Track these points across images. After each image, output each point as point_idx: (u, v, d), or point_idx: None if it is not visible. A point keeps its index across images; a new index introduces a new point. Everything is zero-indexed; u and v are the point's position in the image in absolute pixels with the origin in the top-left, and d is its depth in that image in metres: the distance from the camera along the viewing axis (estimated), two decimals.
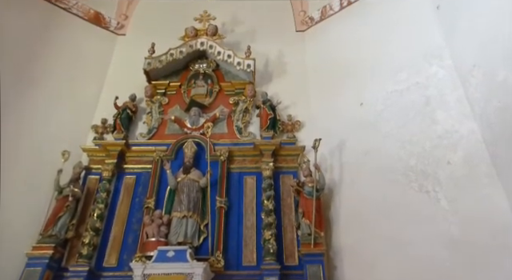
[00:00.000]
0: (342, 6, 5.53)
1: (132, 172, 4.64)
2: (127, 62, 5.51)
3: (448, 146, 3.52)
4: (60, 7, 5.41)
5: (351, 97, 4.67)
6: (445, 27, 4.08)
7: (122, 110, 4.89)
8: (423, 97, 3.96)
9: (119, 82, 5.39)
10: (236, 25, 5.93)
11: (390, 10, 4.82)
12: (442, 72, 3.92)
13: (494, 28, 3.16)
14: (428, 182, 3.53)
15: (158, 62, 5.04)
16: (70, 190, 4.08)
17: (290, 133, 4.83)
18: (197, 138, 4.70)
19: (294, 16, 6.08)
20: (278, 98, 4.98)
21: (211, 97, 5.20)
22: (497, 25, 3.12)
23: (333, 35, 5.45)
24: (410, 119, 3.97)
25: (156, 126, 4.96)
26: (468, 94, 3.55)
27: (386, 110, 4.25)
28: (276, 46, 5.63)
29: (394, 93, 4.26)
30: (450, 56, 3.91)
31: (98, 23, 5.79)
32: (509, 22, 2.93)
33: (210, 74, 5.35)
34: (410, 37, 4.43)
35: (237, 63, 4.98)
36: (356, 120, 4.46)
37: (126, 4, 6.16)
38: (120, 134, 4.72)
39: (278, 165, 4.53)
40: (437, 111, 3.78)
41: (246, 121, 4.98)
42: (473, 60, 3.46)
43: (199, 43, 5.22)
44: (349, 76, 4.85)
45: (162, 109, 5.12)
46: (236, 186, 4.47)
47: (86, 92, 5.25)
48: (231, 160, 4.60)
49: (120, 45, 5.90)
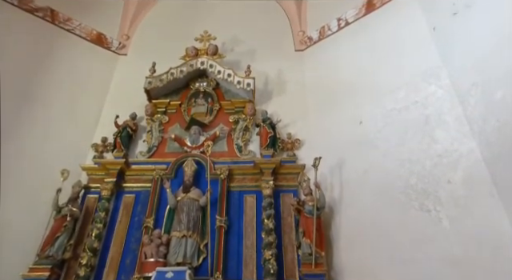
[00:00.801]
0: (339, 26, 5.64)
1: (131, 191, 4.60)
2: (128, 81, 5.58)
3: (448, 165, 3.52)
4: (64, 29, 5.51)
5: (350, 115, 4.70)
6: (442, 47, 4.15)
7: (122, 129, 4.90)
8: (422, 115, 3.98)
9: (120, 100, 5.44)
10: (236, 44, 6.02)
11: (387, 30, 4.92)
12: (440, 91, 3.96)
13: (490, 48, 3.22)
14: (429, 201, 3.51)
15: (159, 80, 5.09)
16: (68, 210, 4.03)
17: (290, 151, 4.83)
18: (197, 156, 4.69)
19: (293, 36, 6.19)
20: (278, 117, 5.00)
21: (211, 115, 5.23)
22: (493, 45, 3.18)
23: (331, 54, 5.53)
24: (409, 138, 3.99)
25: (156, 144, 4.97)
26: (467, 112, 3.57)
27: (385, 129, 4.27)
28: (275, 65, 5.71)
29: (393, 111, 4.29)
30: (448, 75, 3.96)
31: (100, 44, 5.89)
32: (505, 42, 2.99)
33: (211, 93, 5.39)
34: (408, 56, 4.50)
35: (237, 82, 5.03)
36: (355, 138, 4.48)
37: (127, 25, 6.29)
38: (120, 153, 4.72)
39: (278, 183, 4.51)
40: (436, 130, 3.79)
41: (246, 139, 4.99)
42: (470, 79, 3.51)
43: (199, 62, 5.28)
44: (348, 94, 4.89)
45: (163, 127, 5.14)
46: (236, 204, 4.43)
47: (87, 111, 5.29)
48: (231, 178, 4.58)
49: (121, 64, 5.98)
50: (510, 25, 2.94)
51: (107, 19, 6.12)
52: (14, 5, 4.99)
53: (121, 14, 6.36)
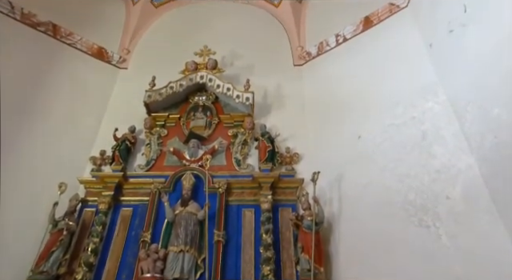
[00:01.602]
0: (337, 42, 5.72)
1: (129, 204, 4.57)
2: (128, 95, 5.61)
3: (446, 181, 3.52)
4: (65, 43, 5.57)
5: (349, 130, 4.72)
6: (438, 64, 4.21)
7: (121, 142, 4.89)
8: (420, 131, 4.01)
9: (119, 114, 5.45)
10: (235, 59, 6.08)
11: (385, 46, 5.00)
12: (437, 107, 3.99)
13: (486, 66, 3.27)
14: (428, 216, 3.50)
15: (158, 94, 5.12)
16: (64, 224, 4.00)
17: (289, 165, 4.83)
18: (195, 169, 4.68)
19: (292, 51, 6.26)
20: (277, 131, 5.01)
21: (210, 129, 5.25)
22: (488, 63, 3.22)
23: (329, 70, 5.59)
24: (407, 153, 4.00)
25: (154, 157, 4.96)
26: (464, 129, 3.60)
27: (383, 144, 4.28)
28: (274, 79, 5.75)
29: (391, 126, 4.32)
30: (445, 92, 4.00)
31: (100, 58, 5.94)
32: (500, 61, 3.03)
33: (210, 107, 5.42)
34: (405, 73, 4.55)
35: (236, 96, 5.07)
36: (354, 153, 4.49)
37: (128, 39, 6.36)
38: (118, 166, 4.71)
39: (277, 197, 4.49)
40: (434, 146, 3.81)
41: (244, 153, 4.99)
42: (467, 96, 3.55)
43: (199, 76, 5.32)
44: (346, 109, 4.93)
45: (161, 141, 5.14)
46: (234, 218, 4.39)
47: (86, 124, 5.29)
48: (229, 192, 4.55)
49: (121, 78, 6.02)
50: (505, 44, 2.99)
51: (108, 34, 6.19)
52: (17, 19, 5.05)
53: (122, 28, 6.44)
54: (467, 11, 3.54)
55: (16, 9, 5.05)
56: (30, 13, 5.18)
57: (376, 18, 5.35)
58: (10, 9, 4.99)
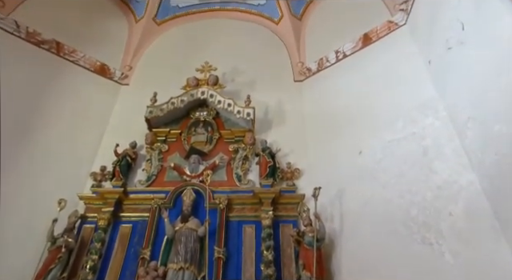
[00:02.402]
0: (337, 58, 5.78)
1: (128, 220, 4.53)
2: (129, 111, 5.64)
3: (448, 197, 3.49)
4: (68, 60, 5.64)
5: (350, 145, 4.72)
6: (437, 80, 4.24)
7: (121, 157, 4.89)
8: (420, 147, 4.00)
9: (120, 129, 5.47)
10: (236, 75, 6.14)
11: (384, 63, 5.04)
12: (437, 123, 4.00)
13: (485, 82, 3.28)
14: (430, 233, 3.45)
15: (160, 110, 5.15)
16: (63, 241, 3.95)
17: (290, 181, 4.81)
18: (196, 185, 4.67)
19: (292, 67, 6.32)
20: (278, 146, 5.01)
21: (211, 144, 5.25)
22: (488, 79, 3.24)
23: (330, 85, 5.63)
24: (408, 169, 3.98)
25: (155, 173, 4.96)
26: (464, 145, 3.59)
27: (384, 159, 4.27)
28: (275, 95, 5.79)
29: (392, 142, 4.31)
30: (445, 108, 4.01)
31: (103, 74, 6.00)
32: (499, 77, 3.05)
33: (210, 122, 5.44)
34: (405, 88, 4.58)
35: (237, 112, 5.09)
36: (355, 169, 4.47)
37: (131, 56, 6.44)
38: (118, 182, 4.71)
39: (278, 213, 4.46)
40: (435, 161, 3.79)
41: (245, 168, 4.98)
42: (467, 112, 3.55)
43: (200, 92, 5.36)
44: (347, 125, 4.94)
45: (162, 156, 5.14)
46: (235, 235, 4.35)
47: (87, 140, 5.30)
48: (230, 208, 4.52)
49: (123, 94, 6.07)
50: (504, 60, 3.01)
51: (111, 50, 6.28)
52: (22, 38, 5.15)
53: (124, 45, 6.54)
54: (465, 29, 3.59)
55: (21, 27, 5.15)
56: (34, 31, 5.28)
57: (375, 35, 5.43)
58: (15, 27, 5.09)
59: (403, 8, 5.05)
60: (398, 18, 5.20)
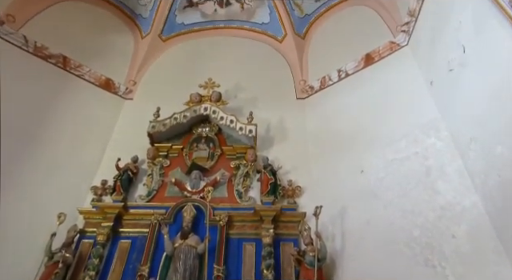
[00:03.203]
0: (340, 77, 5.84)
1: (128, 236, 4.49)
2: (132, 125, 5.67)
3: (451, 219, 3.46)
4: (74, 74, 5.71)
5: (352, 164, 4.72)
6: (439, 101, 4.27)
7: (123, 172, 4.89)
8: (423, 167, 3.99)
9: (123, 144, 5.47)
10: (239, 91, 6.19)
11: (386, 82, 5.09)
12: (439, 143, 4.01)
13: (486, 104, 3.30)
14: (434, 255, 3.41)
15: (162, 125, 5.17)
16: (60, 256, 3.90)
17: (291, 198, 4.79)
18: (196, 201, 4.64)
19: (295, 84, 6.38)
20: (279, 163, 5.01)
21: (213, 160, 5.25)
22: (489, 101, 3.26)
23: (332, 104, 5.67)
24: (411, 188, 3.96)
25: (156, 188, 4.94)
26: (467, 166, 3.59)
27: (386, 178, 4.26)
28: (277, 112, 5.83)
29: (394, 161, 4.31)
30: (447, 128, 4.03)
31: (107, 89, 6.05)
32: (500, 99, 3.08)
33: (213, 138, 5.46)
34: (407, 108, 4.61)
35: (239, 128, 5.11)
36: (357, 187, 4.46)
37: (135, 71, 6.51)
38: (119, 196, 4.68)
39: (279, 231, 4.42)
40: (437, 182, 3.78)
41: (246, 185, 4.97)
42: (469, 133, 3.56)
43: (203, 108, 5.39)
44: (349, 143, 4.94)
45: (163, 171, 5.13)
46: (235, 253, 4.30)
47: (90, 154, 5.30)
48: (230, 225, 4.49)
49: (126, 109, 6.10)
50: (504, 83, 3.04)
51: (116, 65, 6.35)
52: (30, 52, 5.22)
53: (130, 60, 6.62)
54: (466, 52, 3.63)
55: (30, 42, 5.23)
56: (42, 46, 5.36)
57: (377, 55, 5.50)
58: (23, 42, 5.17)
59: (405, 29, 5.13)
60: (400, 38, 5.27)
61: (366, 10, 6.05)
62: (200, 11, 7.14)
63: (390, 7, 5.49)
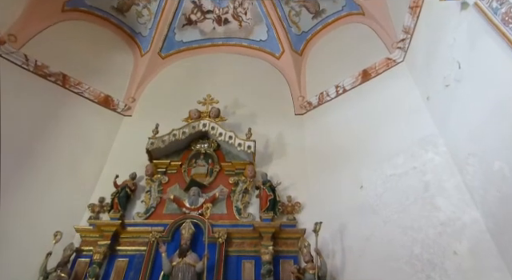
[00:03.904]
0: (337, 93, 5.89)
1: (125, 254, 4.42)
2: (130, 142, 5.67)
3: (452, 235, 3.43)
4: (73, 92, 5.74)
5: (350, 179, 4.70)
6: (436, 116, 4.29)
7: (120, 189, 4.86)
8: (422, 182, 3.99)
9: (121, 160, 5.47)
10: (238, 107, 6.23)
11: (383, 98, 5.13)
12: (437, 158, 4.01)
13: (483, 119, 3.32)
14: (435, 273, 3.36)
15: (161, 141, 5.17)
16: (56, 276, 3.83)
17: (290, 214, 4.75)
18: (195, 218, 4.60)
19: (293, 100, 6.43)
20: (278, 179, 4.99)
21: (211, 176, 5.23)
22: (486, 116, 3.28)
23: (330, 119, 5.70)
24: (410, 204, 3.94)
25: (154, 205, 4.90)
26: (466, 181, 3.58)
27: (385, 194, 4.24)
28: (276, 128, 5.85)
29: (392, 176, 4.30)
30: (445, 143, 4.04)
31: (106, 106, 6.09)
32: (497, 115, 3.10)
33: (211, 154, 5.45)
34: (404, 124, 4.63)
35: (238, 144, 5.11)
36: (356, 203, 4.43)
37: (135, 88, 6.56)
38: (116, 214, 4.64)
39: (278, 248, 4.36)
40: (436, 197, 3.77)
41: (245, 201, 4.93)
42: (467, 149, 3.57)
43: (202, 124, 5.40)
44: (347, 159, 4.95)
45: (162, 188, 5.10)
46: (234, 271, 4.23)
47: (88, 171, 5.28)
48: (229, 242, 4.44)
49: (125, 125, 6.12)
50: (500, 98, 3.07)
51: (116, 82, 6.40)
52: (30, 71, 5.27)
53: (129, 77, 6.68)
54: (461, 67, 3.68)
55: (30, 61, 5.28)
56: (42, 64, 5.41)
57: (374, 71, 5.56)
58: (24, 61, 5.23)
59: (400, 46, 5.20)
60: (396, 55, 5.35)
61: (361, 27, 6.16)
62: (199, 29, 7.26)
63: (385, 24, 5.60)
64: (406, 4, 4.73)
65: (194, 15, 7.04)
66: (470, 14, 3.40)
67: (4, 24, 5.03)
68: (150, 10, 6.70)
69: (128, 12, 6.70)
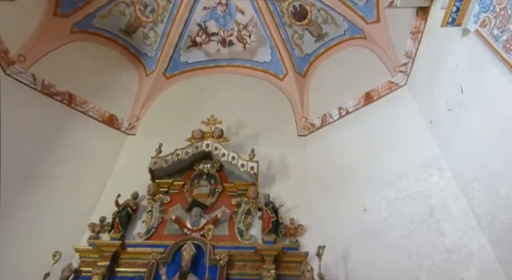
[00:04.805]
0: (340, 114, 5.92)
1: (124, 276, 4.33)
2: (133, 161, 5.67)
3: (459, 262, 3.36)
4: (78, 111, 5.80)
5: (354, 202, 4.66)
6: (440, 140, 4.28)
7: (122, 208, 4.82)
8: (427, 206, 3.94)
9: (124, 179, 5.45)
10: (241, 128, 6.25)
11: (386, 121, 5.15)
12: (442, 183, 3.98)
13: (487, 144, 3.31)
14: None
15: (164, 161, 5.18)
16: None
17: (293, 237, 4.68)
18: (197, 239, 4.53)
19: (296, 121, 6.46)
20: (281, 201, 4.95)
21: (214, 197, 5.19)
22: (490, 140, 3.27)
23: (333, 141, 5.71)
24: (415, 229, 3.89)
25: (155, 225, 4.85)
26: (472, 206, 3.54)
27: (390, 218, 4.19)
28: (279, 149, 5.84)
29: (396, 200, 4.26)
30: (449, 167, 4.02)
31: (110, 124, 6.13)
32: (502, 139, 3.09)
33: (214, 175, 5.43)
34: (408, 147, 4.63)
35: (240, 165, 5.10)
36: (360, 227, 4.38)
37: (139, 107, 6.63)
38: (117, 234, 4.59)
39: (280, 272, 4.27)
40: (442, 222, 3.71)
41: (247, 223, 4.88)
42: (472, 173, 3.54)
43: (205, 145, 5.42)
44: (350, 181, 4.92)
45: (163, 208, 5.06)
46: None
47: (90, 189, 5.26)
48: (231, 265, 4.35)
49: (129, 144, 6.14)
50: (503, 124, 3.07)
51: (120, 102, 6.46)
52: (37, 90, 5.34)
53: (134, 97, 6.75)
54: (464, 92, 3.70)
55: (38, 80, 5.35)
56: (49, 84, 5.48)
57: (376, 94, 5.60)
58: (32, 80, 5.30)
59: (403, 70, 5.26)
60: (398, 78, 5.39)
61: (363, 50, 6.25)
62: (204, 50, 7.39)
63: (387, 49, 5.69)
64: (407, 29, 4.81)
65: (199, 37, 7.19)
66: (472, 40, 3.45)
67: (15, 45, 5.13)
68: (156, 31, 6.85)
69: (135, 34, 6.85)
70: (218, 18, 6.97)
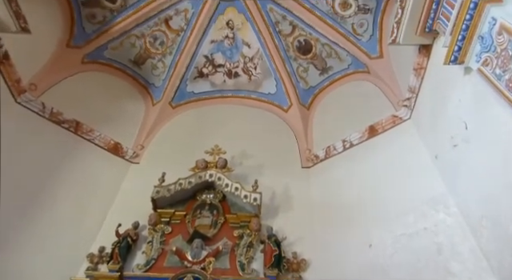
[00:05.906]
0: (344, 147, 5.93)
1: None
2: (136, 190, 5.61)
3: None
4: (85, 138, 5.87)
5: (359, 237, 4.56)
6: (446, 176, 4.23)
7: (122, 239, 4.75)
8: (434, 244, 3.84)
9: (126, 208, 5.38)
10: (245, 159, 6.24)
11: (390, 154, 5.13)
12: (449, 219, 3.89)
13: (495, 180, 3.25)
14: None
15: (167, 190, 5.15)
16: None
17: (296, 272, 4.55)
18: (197, 272, 4.40)
19: (300, 153, 6.46)
20: (284, 234, 4.85)
21: (215, 228, 5.11)
22: (498, 178, 3.20)
23: (337, 174, 5.67)
24: (422, 267, 3.76)
25: (155, 256, 4.74)
26: (481, 245, 3.43)
27: (396, 255, 4.08)
28: (282, 180, 5.80)
29: (402, 236, 4.16)
30: (456, 204, 3.94)
31: (115, 153, 6.17)
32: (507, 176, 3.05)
33: (217, 205, 5.36)
34: (413, 181, 4.57)
35: (244, 196, 5.06)
36: (365, 263, 4.25)
37: (144, 136, 6.69)
38: (115, 265, 4.48)
39: None
40: (451, 262, 3.59)
41: (249, 256, 4.76)
42: (479, 210, 3.47)
43: (208, 175, 5.41)
44: (355, 215, 4.83)
45: (164, 238, 4.97)
46: None
47: (90, 218, 5.19)
48: None
49: (132, 173, 6.13)
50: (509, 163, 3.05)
51: (126, 130, 6.53)
52: (45, 118, 5.43)
53: (139, 125, 6.84)
54: (468, 128, 3.70)
55: (47, 108, 5.46)
56: (58, 111, 5.58)
57: (380, 127, 5.62)
58: (41, 108, 5.40)
59: (406, 104, 5.30)
60: (402, 112, 5.42)
61: (367, 84, 6.35)
62: (210, 81, 7.56)
63: (390, 83, 5.78)
64: (410, 65, 4.90)
65: (206, 68, 7.38)
66: (475, 78, 3.49)
67: (27, 74, 5.27)
68: (164, 63, 7.05)
69: (144, 64, 7.05)
70: (225, 50, 7.18)
